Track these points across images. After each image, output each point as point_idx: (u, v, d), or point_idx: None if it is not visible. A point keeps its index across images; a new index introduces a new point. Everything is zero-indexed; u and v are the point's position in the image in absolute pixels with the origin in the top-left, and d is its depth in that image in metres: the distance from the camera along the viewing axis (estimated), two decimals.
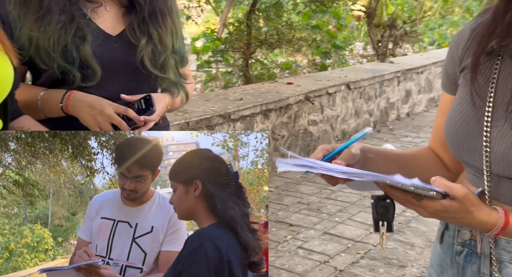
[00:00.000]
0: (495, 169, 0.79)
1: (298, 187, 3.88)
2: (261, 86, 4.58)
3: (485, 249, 0.84)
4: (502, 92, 0.79)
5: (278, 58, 7.55)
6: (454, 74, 0.90)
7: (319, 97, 4.62)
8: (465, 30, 0.88)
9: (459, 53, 0.88)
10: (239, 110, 3.69)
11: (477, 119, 0.80)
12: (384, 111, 5.79)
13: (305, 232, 3.10)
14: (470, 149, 0.82)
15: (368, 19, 7.15)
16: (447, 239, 0.91)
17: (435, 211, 0.74)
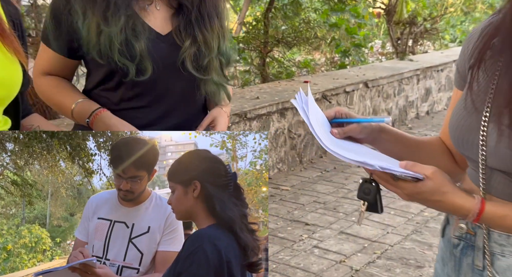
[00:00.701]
0: (489, 162, 0.82)
1: (314, 186, 3.87)
2: (278, 84, 4.58)
3: (478, 242, 0.86)
4: (501, 90, 0.81)
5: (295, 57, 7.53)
6: (464, 71, 0.92)
7: (336, 95, 4.59)
8: (478, 29, 0.91)
9: (469, 51, 0.90)
10: (255, 109, 3.70)
11: (477, 114, 0.84)
12: (403, 110, 5.71)
13: (321, 231, 3.08)
14: (469, 142, 0.85)
15: (388, 17, 7.06)
16: (448, 233, 0.94)
17: (411, 193, 0.78)
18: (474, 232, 0.87)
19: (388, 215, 3.28)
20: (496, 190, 0.83)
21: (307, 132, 4.31)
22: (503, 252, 0.83)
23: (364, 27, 7.72)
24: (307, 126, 3.47)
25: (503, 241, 0.83)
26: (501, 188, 0.82)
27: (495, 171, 0.82)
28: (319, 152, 4.52)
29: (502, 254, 0.83)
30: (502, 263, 0.83)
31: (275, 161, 4.07)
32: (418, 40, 7.79)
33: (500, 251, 0.83)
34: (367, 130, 0.94)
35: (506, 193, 0.82)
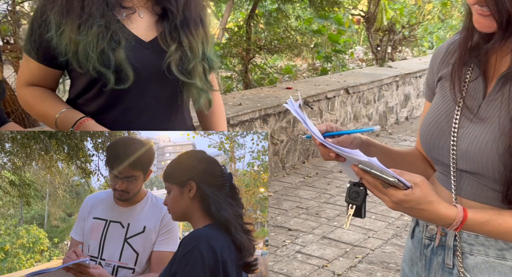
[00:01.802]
0: (459, 165, 0.87)
1: (297, 192, 3.90)
2: (260, 91, 4.61)
3: (448, 241, 0.91)
4: (469, 98, 0.88)
5: (277, 63, 7.58)
6: (433, 84, 0.99)
7: (318, 101, 4.65)
8: (444, 45, 0.99)
9: (437, 65, 0.98)
10: (238, 115, 3.72)
11: (448, 120, 0.90)
12: (383, 115, 5.81)
13: (303, 237, 3.11)
14: (440, 146, 0.90)
15: (367, 24, 7.19)
16: (417, 234, 0.98)
17: (399, 200, 0.80)
18: (444, 233, 0.92)
19: (369, 220, 3.33)
20: (465, 191, 0.88)
21: (289, 138, 4.35)
22: (471, 251, 0.89)
23: (345, 33, 7.85)
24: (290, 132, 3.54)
25: (472, 241, 0.89)
26: (469, 189, 0.87)
27: (464, 173, 0.87)
28: (301, 158, 4.56)
29: (470, 253, 0.89)
30: (471, 261, 0.89)
31: None
32: (397, 47, 7.95)
33: (469, 250, 0.89)
34: (357, 143, 0.99)
35: (474, 193, 0.87)
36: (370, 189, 0.84)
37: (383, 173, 0.80)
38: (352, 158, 0.83)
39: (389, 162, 0.99)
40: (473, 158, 0.84)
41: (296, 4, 5.60)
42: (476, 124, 0.85)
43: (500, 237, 0.85)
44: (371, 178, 0.81)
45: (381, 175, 0.80)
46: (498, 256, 0.87)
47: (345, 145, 0.96)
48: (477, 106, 0.87)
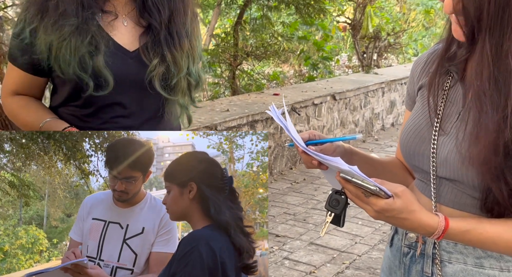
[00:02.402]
0: (439, 172, 0.88)
1: (284, 198, 3.91)
2: (248, 97, 4.62)
3: (428, 250, 0.92)
4: (449, 106, 0.90)
5: (265, 69, 7.62)
6: (413, 93, 1.01)
7: (305, 108, 4.68)
8: (424, 55, 1.00)
9: (417, 74, 0.99)
10: (225, 121, 3.72)
11: (428, 128, 0.91)
12: (369, 121, 5.87)
13: (291, 243, 3.12)
14: (420, 154, 0.91)
15: (353, 31, 7.28)
16: (396, 242, 0.99)
17: (381, 209, 0.81)
18: (424, 241, 0.92)
19: (356, 225, 3.35)
20: (444, 198, 0.89)
21: (277, 144, 4.36)
22: (450, 259, 0.90)
23: (330, 40, 7.93)
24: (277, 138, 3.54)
25: (450, 249, 0.90)
26: (448, 196, 0.88)
27: (444, 180, 0.88)
28: (289, 164, 4.57)
29: (449, 261, 0.90)
30: (449, 269, 0.90)
31: None
32: (383, 54, 8.06)
33: (448, 258, 0.90)
34: (340, 151, 1.00)
35: (453, 200, 0.88)
36: (351, 198, 0.84)
37: (364, 181, 0.80)
38: (334, 166, 0.84)
39: (371, 171, 0.99)
40: (452, 165, 0.85)
41: (282, 11, 5.65)
42: (455, 132, 0.86)
43: (479, 246, 0.85)
44: (352, 187, 0.82)
45: (362, 183, 0.80)
46: (476, 264, 0.88)
47: (328, 153, 0.96)
48: (457, 114, 0.88)
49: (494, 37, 0.78)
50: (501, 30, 0.77)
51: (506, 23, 0.77)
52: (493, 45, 0.78)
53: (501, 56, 0.78)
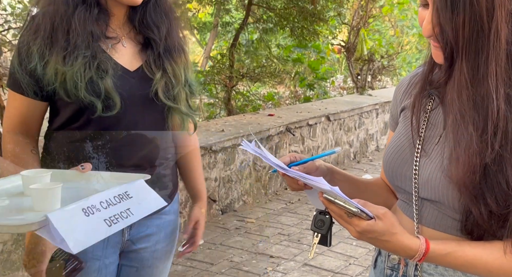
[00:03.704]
0: (421, 193, 0.89)
1: (279, 218, 3.90)
2: (243, 117, 4.66)
3: (409, 272, 0.92)
4: (430, 128, 0.91)
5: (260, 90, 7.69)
6: (396, 114, 1.03)
7: (300, 128, 4.72)
8: (407, 78, 1.03)
9: (400, 96, 1.02)
10: (220, 141, 3.74)
11: (410, 149, 0.92)
12: (363, 142, 5.91)
13: (285, 264, 3.10)
14: (402, 175, 0.92)
15: (347, 53, 7.40)
16: (380, 264, 1.00)
17: (363, 230, 0.82)
18: (406, 263, 0.93)
19: (351, 246, 3.34)
20: (426, 219, 0.90)
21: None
22: None
23: (325, 62, 8.05)
24: None
25: (431, 271, 0.90)
26: (430, 217, 0.90)
27: (425, 201, 0.90)
28: (283, 184, 4.58)
29: None
30: None
31: (240, 193, 4.09)
32: (377, 76, 8.18)
33: None
34: (323, 170, 1.01)
35: (434, 222, 0.89)
36: (335, 217, 0.85)
37: (346, 203, 0.81)
38: (316, 186, 0.85)
39: (354, 190, 1.01)
40: (433, 187, 0.86)
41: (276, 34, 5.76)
42: (437, 154, 0.88)
43: (459, 269, 0.86)
44: (335, 208, 0.82)
45: (344, 205, 0.81)
46: None
47: (310, 172, 0.96)
48: (438, 136, 0.90)
49: (470, 60, 0.80)
50: (476, 53, 0.80)
51: (481, 47, 0.79)
52: (469, 68, 0.81)
53: (478, 78, 0.80)
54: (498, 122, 0.79)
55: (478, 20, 0.78)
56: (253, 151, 0.93)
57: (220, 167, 3.83)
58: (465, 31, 0.79)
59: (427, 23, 0.83)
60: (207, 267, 3.01)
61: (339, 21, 7.39)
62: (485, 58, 0.80)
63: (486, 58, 0.79)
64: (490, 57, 0.79)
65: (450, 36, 0.81)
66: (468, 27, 0.79)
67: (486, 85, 0.80)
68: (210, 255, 3.17)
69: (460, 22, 0.79)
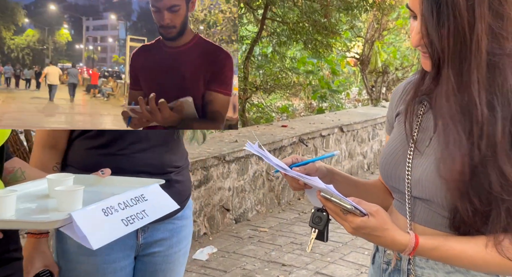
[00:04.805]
0: (413, 192, 0.95)
1: (292, 227, 3.94)
2: (256, 128, 4.74)
3: (403, 265, 0.99)
4: (422, 132, 0.98)
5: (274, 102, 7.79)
6: (392, 119, 1.10)
7: (313, 139, 4.77)
8: (401, 85, 1.10)
9: (395, 102, 1.08)
10: (234, 152, 3.82)
11: (403, 151, 0.99)
12: (377, 153, 5.92)
13: (297, 272, 3.13)
14: (396, 175, 0.99)
15: (362, 66, 7.46)
16: (377, 259, 1.06)
17: (357, 227, 0.89)
18: (399, 257, 0.99)
19: (362, 255, 3.36)
20: (418, 217, 0.96)
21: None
22: (422, 274, 0.96)
23: (340, 75, 8.11)
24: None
25: (423, 264, 0.96)
26: (422, 215, 0.96)
27: (418, 200, 0.96)
28: (297, 194, 4.62)
29: (421, 276, 0.96)
30: None
31: (254, 203, 4.15)
32: (391, 88, 8.19)
33: (421, 273, 0.97)
34: (323, 171, 1.08)
35: (426, 219, 0.95)
36: (331, 214, 0.92)
37: (342, 200, 0.88)
38: (312, 184, 0.92)
39: (353, 191, 1.07)
40: (424, 186, 0.92)
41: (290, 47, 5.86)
42: (427, 155, 0.94)
43: (447, 262, 0.92)
44: (332, 205, 0.89)
45: (339, 202, 0.88)
46: None
47: (311, 173, 1.03)
48: (429, 139, 0.96)
49: (455, 68, 0.87)
50: (460, 62, 0.86)
51: (464, 56, 0.86)
52: (455, 76, 0.87)
53: (462, 85, 0.87)
54: (483, 126, 0.85)
55: (461, 32, 0.85)
56: (256, 151, 1.00)
57: (234, 177, 3.91)
58: (450, 42, 0.86)
59: (416, 33, 0.90)
60: (220, 275, 3.06)
61: (353, 34, 7.48)
62: (468, 67, 0.86)
63: (469, 67, 0.86)
64: (473, 66, 0.86)
65: (436, 46, 0.87)
66: (452, 38, 0.85)
67: (469, 92, 0.86)
68: (223, 263, 3.23)
69: (445, 33, 0.85)
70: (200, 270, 3.12)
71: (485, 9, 0.84)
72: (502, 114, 0.85)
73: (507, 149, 0.85)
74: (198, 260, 3.24)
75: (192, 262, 3.19)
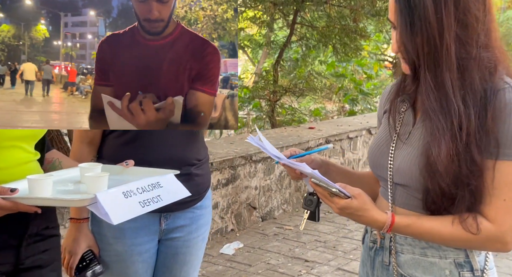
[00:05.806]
0: (394, 179, 1.08)
1: (316, 226, 4.04)
2: (284, 130, 4.88)
3: (386, 243, 1.12)
4: (403, 126, 1.11)
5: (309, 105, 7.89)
6: (380, 116, 1.23)
7: (340, 141, 4.85)
8: (389, 86, 1.23)
9: (383, 101, 1.22)
10: (260, 152, 3.98)
11: (387, 144, 1.12)
12: None
13: (319, 268, 3.24)
14: (381, 164, 1.12)
15: (394, 69, 7.42)
16: (366, 239, 1.19)
17: (341, 207, 1.03)
18: (383, 236, 1.12)
19: None
20: (398, 201, 1.09)
21: None
22: (402, 250, 1.09)
23: (374, 78, 8.11)
24: None
25: (402, 242, 1.09)
26: (401, 199, 1.09)
27: (398, 185, 1.08)
28: None
29: (402, 252, 1.09)
30: (402, 259, 1.09)
31: (280, 202, 4.28)
32: None
33: (401, 249, 1.09)
34: (317, 162, 1.21)
35: (404, 202, 1.08)
36: (321, 197, 1.07)
37: (328, 185, 1.03)
38: (301, 170, 1.07)
39: (347, 181, 1.18)
40: (403, 173, 1.05)
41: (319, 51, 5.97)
42: (406, 147, 1.07)
43: (420, 237, 1.05)
44: (321, 189, 1.04)
45: (326, 186, 1.03)
46: (421, 254, 1.06)
47: (307, 163, 1.16)
48: (408, 133, 1.09)
49: (431, 71, 1.00)
50: (434, 65, 0.99)
51: (437, 61, 0.99)
52: (431, 77, 1.00)
53: (438, 85, 0.99)
54: (461, 118, 0.97)
55: (432, 40, 0.98)
56: (256, 143, 1.14)
57: (260, 176, 4.06)
58: (423, 49, 0.99)
59: (394, 42, 1.04)
60: (245, 268, 3.22)
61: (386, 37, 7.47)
62: (441, 70, 0.99)
63: (442, 70, 0.99)
64: (445, 69, 0.98)
65: (412, 53, 1.00)
66: (425, 46, 0.98)
67: (445, 90, 0.99)
68: (248, 257, 3.39)
69: (419, 42, 0.99)
70: (226, 263, 3.29)
71: (451, 20, 0.97)
72: (474, 109, 0.97)
73: (477, 138, 0.97)
74: (225, 254, 3.42)
75: (219, 256, 3.37)
